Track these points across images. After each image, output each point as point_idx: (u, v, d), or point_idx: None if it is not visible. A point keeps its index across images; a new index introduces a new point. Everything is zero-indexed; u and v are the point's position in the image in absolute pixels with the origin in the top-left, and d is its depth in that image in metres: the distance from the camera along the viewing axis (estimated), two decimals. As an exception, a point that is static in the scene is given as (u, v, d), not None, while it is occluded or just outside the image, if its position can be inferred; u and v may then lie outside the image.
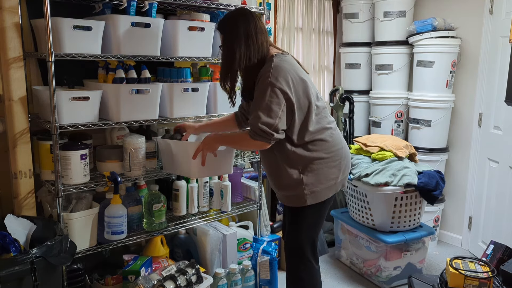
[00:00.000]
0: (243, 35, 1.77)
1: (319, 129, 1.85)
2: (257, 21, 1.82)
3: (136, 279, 2.11)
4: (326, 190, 1.89)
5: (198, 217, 2.50)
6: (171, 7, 2.46)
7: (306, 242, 1.94)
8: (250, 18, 1.80)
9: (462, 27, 3.25)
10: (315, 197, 1.87)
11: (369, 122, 3.72)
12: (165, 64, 2.53)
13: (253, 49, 1.79)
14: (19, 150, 2.01)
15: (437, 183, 2.74)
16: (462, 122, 3.35)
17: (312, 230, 1.96)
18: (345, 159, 1.94)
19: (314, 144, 1.85)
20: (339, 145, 1.92)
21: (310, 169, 1.85)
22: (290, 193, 1.90)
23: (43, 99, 2.07)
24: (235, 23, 1.80)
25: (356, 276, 2.92)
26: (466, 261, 2.21)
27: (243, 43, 1.78)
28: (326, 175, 1.88)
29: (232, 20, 1.82)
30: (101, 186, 2.12)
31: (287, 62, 1.79)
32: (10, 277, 1.51)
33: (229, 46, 1.80)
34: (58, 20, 1.89)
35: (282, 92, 1.72)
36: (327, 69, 3.84)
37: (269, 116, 1.71)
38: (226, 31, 1.83)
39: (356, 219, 2.91)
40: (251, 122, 1.76)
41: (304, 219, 1.92)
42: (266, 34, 1.85)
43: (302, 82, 1.80)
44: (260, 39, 1.80)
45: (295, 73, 1.79)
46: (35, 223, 1.87)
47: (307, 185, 1.85)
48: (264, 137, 1.74)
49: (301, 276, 1.97)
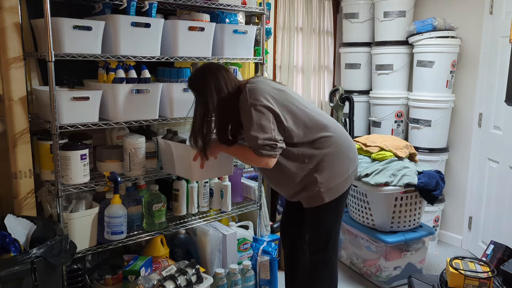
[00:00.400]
0: (214, 89, 1.82)
1: (319, 127, 1.88)
2: (225, 72, 1.87)
3: (136, 279, 2.11)
4: (342, 184, 1.93)
5: (198, 217, 2.50)
6: (171, 7, 2.46)
7: (329, 240, 1.98)
8: (217, 71, 1.85)
9: (462, 27, 3.25)
10: (333, 193, 1.91)
11: (369, 122, 3.72)
12: (165, 64, 2.53)
13: (224, 97, 1.83)
14: (19, 150, 2.01)
15: (437, 183, 2.74)
16: (462, 122, 3.35)
17: (334, 227, 2.00)
18: (352, 149, 1.99)
19: (320, 142, 1.88)
20: (344, 137, 1.96)
21: (322, 167, 1.88)
22: (307, 194, 1.92)
23: (43, 99, 2.07)
24: (204, 78, 1.85)
25: (356, 276, 2.92)
26: (466, 261, 2.21)
27: (215, 96, 1.82)
28: (339, 169, 1.91)
29: (200, 77, 1.87)
30: (101, 186, 2.12)
31: (261, 82, 1.86)
32: (10, 277, 1.51)
33: (202, 100, 1.84)
34: (58, 20, 1.89)
35: (265, 107, 1.78)
36: (327, 69, 3.84)
37: (264, 132, 1.77)
38: (196, 88, 1.88)
39: (356, 219, 2.91)
40: (251, 144, 1.80)
41: (325, 217, 1.96)
42: (236, 80, 1.90)
43: (281, 92, 1.87)
44: (231, 85, 1.85)
45: (271, 87, 1.86)
46: (35, 223, 1.87)
47: (322, 183, 1.88)
48: (269, 150, 1.78)
49: (325, 276, 2.00)
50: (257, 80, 1.88)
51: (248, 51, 2.56)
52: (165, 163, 2.24)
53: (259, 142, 1.76)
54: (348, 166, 1.95)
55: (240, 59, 2.54)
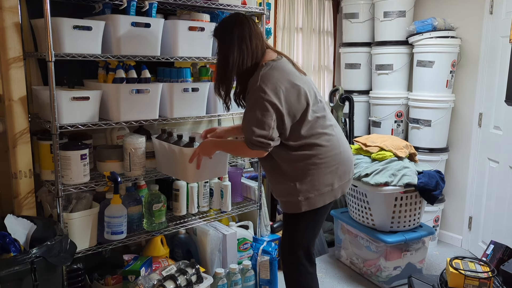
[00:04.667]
0: (236, 39, 1.78)
1: (313, 134, 1.82)
2: (252, 25, 1.82)
3: (136, 279, 2.11)
4: (322, 197, 1.85)
5: (198, 217, 2.50)
6: (171, 7, 2.46)
7: (300, 247, 1.93)
8: (245, 22, 1.80)
9: (462, 27, 3.25)
10: (309, 204, 1.85)
11: (369, 122, 3.72)
12: (165, 64, 2.53)
13: (246, 54, 1.79)
14: (19, 150, 2.00)
15: (437, 183, 2.74)
16: (462, 122, 3.35)
17: (307, 236, 1.94)
18: (343, 164, 1.89)
19: (309, 149, 1.82)
20: (337, 150, 1.87)
21: (304, 175, 1.83)
22: (286, 199, 1.89)
23: (43, 99, 2.07)
24: (229, 27, 1.81)
25: (356, 276, 2.92)
26: (466, 261, 2.21)
27: (237, 47, 1.78)
28: (321, 181, 1.84)
29: (226, 25, 1.83)
30: (101, 186, 2.12)
31: (277, 70, 1.77)
32: (10, 277, 1.51)
33: (224, 51, 1.81)
34: (58, 20, 1.89)
35: (271, 103, 1.71)
36: (327, 69, 3.84)
37: (263, 129, 1.72)
38: (220, 36, 1.84)
39: (356, 219, 2.91)
40: (246, 136, 1.76)
41: (299, 226, 1.91)
42: (262, 38, 1.84)
43: (294, 88, 1.77)
44: (255, 42, 1.80)
45: (286, 80, 1.76)
46: (35, 223, 1.87)
47: (301, 192, 1.83)
48: (261, 146, 1.75)
49: (297, 279, 1.97)
50: (276, 66, 1.77)
51: (248, 51, 2.55)
52: (160, 163, 2.24)
53: (254, 137, 1.72)
54: (333, 180, 1.86)
55: (240, 59, 2.54)
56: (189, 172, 2.05)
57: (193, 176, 2.08)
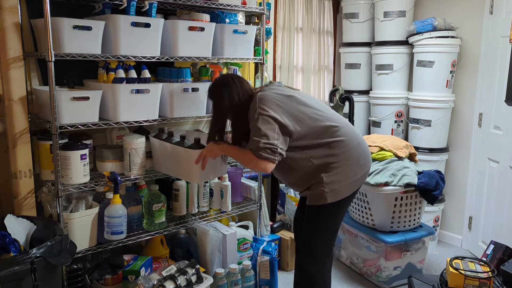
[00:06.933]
0: (227, 98, 1.93)
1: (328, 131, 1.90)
2: (238, 84, 1.95)
3: (136, 279, 2.11)
4: (346, 187, 1.94)
5: (198, 217, 2.50)
6: (171, 7, 2.46)
7: (322, 241, 1.99)
8: (231, 84, 1.95)
9: (462, 27, 3.25)
10: (335, 195, 1.91)
11: (369, 122, 3.72)
12: (165, 64, 2.52)
13: (237, 99, 1.94)
14: (19, 150, 2.01)
15: (437, 183, 2.74)
16: (462, 122, 3.35)
17: (330, 229, 2.00)
18: (364, 154, 1.99)
19: (330, 146, 1.90)
20: (355, 142, 1.96)
21: (329, 169, 1.90)
22: (313, 191, 1.94)
23: (43, 99, 2.07)
24: (219, 91, 1.96)
25: (356, 276, 2.92)
26: (466, 261, 2.21)
27: (227, 103, 1.93)
28: (347, 173, 1.93)
29: (216, 88, 1.99)
30: (101, 186, 2.12)
31: (269, 90, 1.92)
32: (10, 277, 1.51)
33: (219, 107, 1.98)
34: (58, 20, 1.89)
35: (271, 117, 1.82)
36: (327, 69, 3.84)
37: (267, 138, 1.80)
38: (212, 97, 2.01)
39: (356, 219, 2.91)
40: (252, 147, 1.83)
41: (323, 218, 1.97)
42: (247, 85, 1.99)
43: (289, 99, 1.91)
44: (242, 94, 1.94)
45: (279, 94, 1.90)
46: (35, 223, 1.87)
47: (327, 184, 1.90)
48: (269, 154, 1.80)
49: (313, 274, 1.99)
50: (268, 88, 1.94)
51: (248, 51, 2.56)
52: (157, 162, 2.24)
53: (260, 145, 1.79)
54: (356, 171, 1.95)
55: (240, 59, 2.54)
56: (195, 173, 2.07)
57: (198, 177, 2.10)
